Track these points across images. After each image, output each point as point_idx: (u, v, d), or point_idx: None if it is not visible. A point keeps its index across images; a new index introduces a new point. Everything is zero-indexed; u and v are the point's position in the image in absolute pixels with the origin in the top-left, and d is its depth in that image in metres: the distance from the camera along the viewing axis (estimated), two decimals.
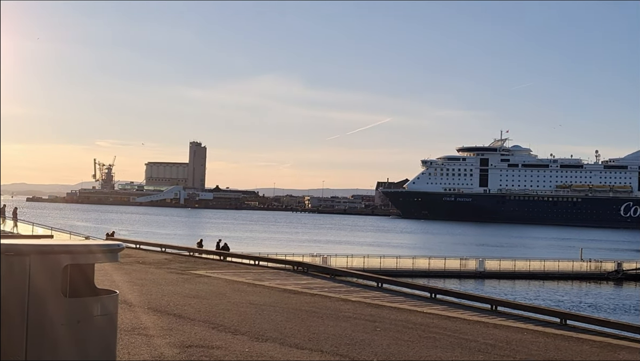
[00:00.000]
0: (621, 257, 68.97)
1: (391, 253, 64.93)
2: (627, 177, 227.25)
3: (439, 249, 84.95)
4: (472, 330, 15.49)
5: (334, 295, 20.81)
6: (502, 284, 53.22)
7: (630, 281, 57.25)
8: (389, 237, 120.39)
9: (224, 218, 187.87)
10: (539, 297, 46.01)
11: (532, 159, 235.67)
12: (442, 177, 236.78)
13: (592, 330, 18.12)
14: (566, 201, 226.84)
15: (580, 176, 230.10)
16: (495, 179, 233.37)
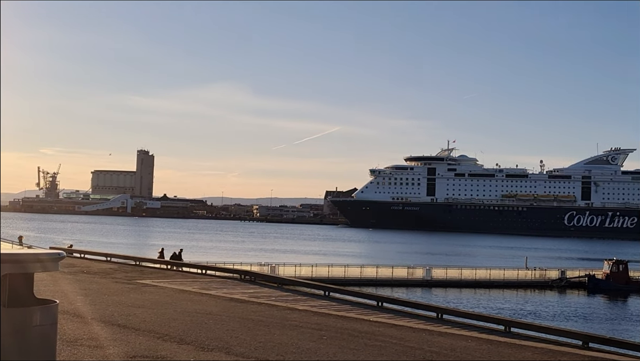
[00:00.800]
0: (565, 265, 70.15)
1: (339, 261, 65.03)
2: (571, 187, 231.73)
3: (386, 258, 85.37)
4: (417, 338, 15.61)
5: (280, 304, 20.77)
6: (448, 293, 53.68)
7: (574, 288, 58.25)
8: (337, 246, 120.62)
9: (172, 227, 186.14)
10: (484, 305, 46.53)
11: (479, 169, 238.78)
12: (390, 187, 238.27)
13: (535, 337, 18.40)
14: (512, 210, 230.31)
15: (525, 186, 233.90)
16: (443, 188, 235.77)
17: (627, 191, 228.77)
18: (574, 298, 54.19)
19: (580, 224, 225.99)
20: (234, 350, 12.74)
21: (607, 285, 58.07)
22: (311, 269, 53.71)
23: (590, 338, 19.09)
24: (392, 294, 38.60)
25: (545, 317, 41.84)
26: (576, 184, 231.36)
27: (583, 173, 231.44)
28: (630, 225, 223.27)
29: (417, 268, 59.06)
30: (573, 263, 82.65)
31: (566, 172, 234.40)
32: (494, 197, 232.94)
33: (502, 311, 42.40)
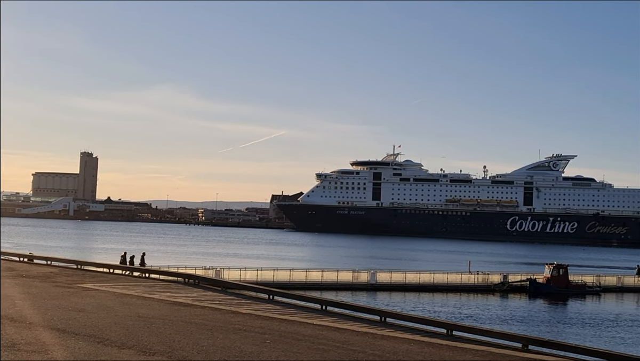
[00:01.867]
0: (507, 269, 71.08)
1: (285, 265, 64.92)
2: (514, 193, 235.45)
3: (332, 261, 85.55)
4: (360, 341, 15.67)
5: (224, 308, 20.66)
6: (393, 296, 53.96)
7: (516, 292, 59.03)
8: (283, 250, 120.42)
9: (115, 231, 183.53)
10: (428, 309, 46.92)
11: (423, 174, 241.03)
12: (336, 191, 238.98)
13: (476, 340, 18.65)
14: (455, 215, 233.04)
15: (469, 191, 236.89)
16: (388, 192, 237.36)
17: (567, 197, 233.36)
18: (515, 302, 54.93)
19: (523, 229, 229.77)
20: (176, 354, 12.63)
21: (548, 289, 59.06)
22: (256, 273, 53.50)
23: (530, 340, 19.43)
24: (336, 298, 38.69)
25: (487, 320, 42.37)
26: (518, 189, 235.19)
27: (525, 179, 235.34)
28: (571, 230, 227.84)
29: (362, 272, 59.25)
30: (515, 268, 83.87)
31: (509, 177, 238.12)
32: (438, 202, 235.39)
33: (445, 315, 42.81)
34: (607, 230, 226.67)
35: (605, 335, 39.29)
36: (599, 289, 61.61)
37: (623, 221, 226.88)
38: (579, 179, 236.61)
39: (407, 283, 58.26)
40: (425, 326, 20.80)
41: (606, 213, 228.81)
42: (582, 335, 38.63)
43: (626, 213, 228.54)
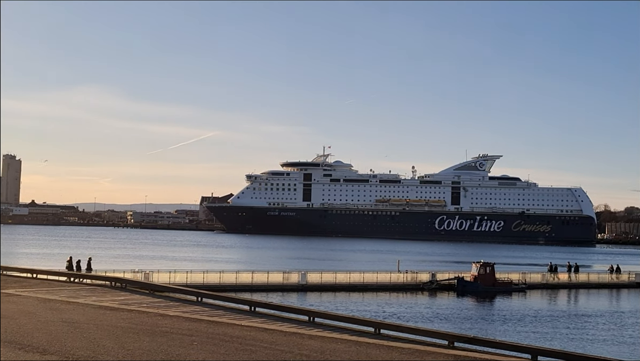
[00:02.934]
0: (435, 268, 71.93)
1: (215, 267, 64.39)
2: (442, 192, 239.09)
3: (262, 263, 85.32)
4: (288, 342, 15.68)
5: (152, 310, 20.42)
6: (323, 297, 54.07)
7: (444, 291, 59.80)
8: (213, 252, 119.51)
9: (38, 234, 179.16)
10: (358, 308, 47.17)
11: (353, 174, 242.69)
12: (266, 192, 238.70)
13: (404, 338, 18.87)
14: (385, 215, 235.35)
15: (398, 191, 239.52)
16: (318, 193, 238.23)
17: (494, 196, 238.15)
18: (443, 300, 55.65)
19: (450, 228, 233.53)
20: (101, 358, 12.41)
21: (475, 287, 59.99)
22: (186, 276, 52.95)
23: (456, 337, 19.77)
24: (265, 299, 38.59)
25: (415, 319, 42.84)
26: (446, 189, 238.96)
27: (453, 179, 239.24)
28: (497, 229, 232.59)
29: (293, 273, 59.20)
30: (443, 266, 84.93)
31: (437, 178, 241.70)
32: (368, 202, 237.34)
33: (375, 314, 43.11)
34: (532, 228, 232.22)
35: (529, 331, 40.21)
36: (525, 287, 62.92)
37: (547, 220, 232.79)
38: (505, 178, 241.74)
39: (338, 283, 58.44)
40: (353, 325, 20.95)
41: (531, 212, 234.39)
42: (508, 331, 39.44)
43: (550, 212, 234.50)
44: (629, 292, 66.03)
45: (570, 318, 46.56)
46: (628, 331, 41.90)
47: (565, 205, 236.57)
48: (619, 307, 54.84)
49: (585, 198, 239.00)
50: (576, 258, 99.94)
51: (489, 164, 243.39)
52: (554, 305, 55.80)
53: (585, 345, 35.70)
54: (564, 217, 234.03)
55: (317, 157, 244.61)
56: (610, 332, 41.19)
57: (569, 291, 64.59)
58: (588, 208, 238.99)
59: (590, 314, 49.26)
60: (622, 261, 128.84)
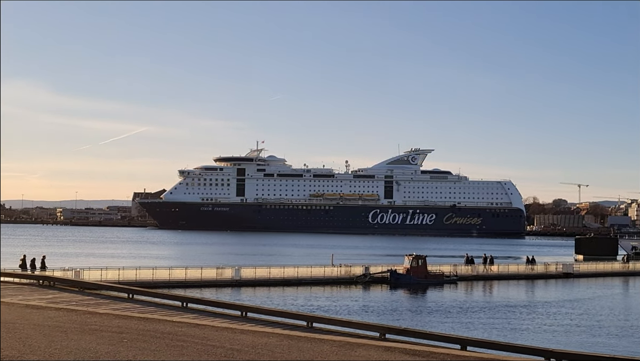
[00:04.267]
0: (369, 261, 72.47)
1: (147, 264, 63.65)
2: (375, 187, 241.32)
3: (196, 259, 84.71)
4: (219, 337, 15.64)
5: (81, 308, 20.10)
6: (257, 292, 54.01)
7: (377, 284, 60.34)
8: (146, 248, 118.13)
9: None
10: (292, 303, 47.27)
11: (287, 169, 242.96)
12: (199, 187, 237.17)
13: (336, 331, 19.02)
14: (319, 210, 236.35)
15: (332, 185, 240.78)
16: (252, 188, 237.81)
17: (426, 190, 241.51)
18: (377, 293, 56.14)
19: (384, 222, 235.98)
20: (27, 358, 12.16)
21: (408, 279, 60.73)
22: (118, 273, 52.13)
23: (387, 329, 20.07)
24: (200, 295, 38.36)
25: (349, 312, 43.13)
26: (379, 183, 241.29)
27: (386, 173, 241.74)
28: (429, 222, 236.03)
29: (226, 268, 58.95)
30: (377, 259, 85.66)
31: (370, 172, 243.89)
32: (302, 197, 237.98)
33: (309, 308, 43.28)
34: (464, 221, 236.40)
35: (460, 321, 40.94)
36: (456, 279, 63.98)
37: (478, 212, 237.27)
38: (437, 172, 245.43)
39: (272, 278, 58.47)
40: (286, 319, 21.05)
41: (462, 205, 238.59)
42: (439, 323, 40.08)
43: (481, 205, 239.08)
44: (556, 282, 67.76)
45: (499, 309, 47.56)
46: (552, 319, 43.02)
47: (496, 198, 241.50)
48: (546, 297, 56.22)
49: (515, 191, 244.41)
50: (506, 250, 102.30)
51: (421, 158, 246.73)
52: (484, 296, 56.89)
53: (513, 334, 36.53)
54: (494, 210, 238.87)
55: (251, 152, 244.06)
56: (537, 321, 42.25)
57: (499, 282, 65.88)
58: (517, 201, 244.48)
59: (519, 304, 50.40)
60: (550, 252, 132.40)
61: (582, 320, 43.11)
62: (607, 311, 47.93)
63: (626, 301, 55.96)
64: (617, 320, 43.65)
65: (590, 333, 38.16)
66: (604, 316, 45.29)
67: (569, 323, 41.87)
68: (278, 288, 56.33)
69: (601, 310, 48.10)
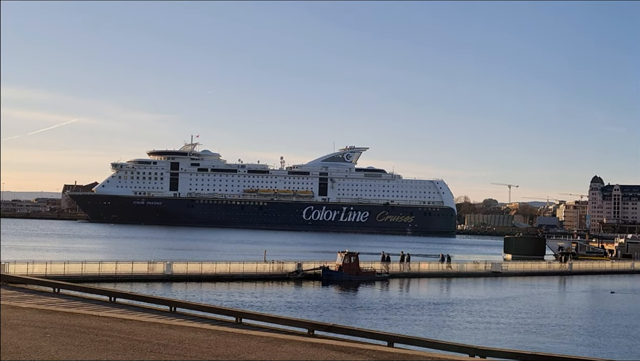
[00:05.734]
0: (301, 258, 72.70)
1: (76, 258, 62.61)
2: (309, 183, 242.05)
3: (127, 253, 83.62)
4: (146, 332, 15.50)
5: (3, 303, 19.62)
6: (189, 287, 53.65)
7: (309, 280, 60.59)
8: (76, 242, 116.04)
9: None
10: (223, 298, 47.09)
11: (221, 164, 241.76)
12: (132, 181, 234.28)
13: (264, 327, 19.04)
14: (253, 205, 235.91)
15: (266, 181, 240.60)
16: (186, 183, 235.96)
17: (360, 187, 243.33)
18: (309, 289, 56.35)
19: (318, 219, 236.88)
20: None
21: (340, 276, 61.11)
22: (45, 267, 51.14)
23: (316, 326, 20.18)
24: (126, 290, 37.85)
25: (280, 308, 43.22)
26: (314, 180, 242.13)
27: (320, 170, 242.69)
28: (363, 219, 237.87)
29: (158, 263, 58.40)
30: (309, 256, 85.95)
31: (305, 168, 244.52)
32: (236, 192, 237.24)
33: (240, 304, 43.20)
34: (396, 219, 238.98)
35: (389, 318, 41.42)
36: (387, 276, 64.65)
37: (411, 211, 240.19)
38: (371, 170, 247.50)
39: (204, 274, 58.18)
40: (215, 314, 20.98)
41: (395, 203, 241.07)
42: (369, 319, 40.46)
43: (413, 203, 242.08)
44: (485, 281, 69.07)
45: (428, 306, 48.26)
46: (479, 317, 43.87)
47: (428, 197, 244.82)
48: (474, 295, 57.24)
49: (447, 190, 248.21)
50: (437, 248, 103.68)
51: (356, 156, 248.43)
52: (414, 293, 57.66)
53: (439, 331, 37.13)
54: (426, 208, 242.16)
55: (185, 146, 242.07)
56: (464, 318, 43.04)
57: (429, 280, 66.84)
58: (449, 200, 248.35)
59: (447, 302, 51.26)
60: (479, 251, 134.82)
61: (507, 318, 44.09)
62: (532, 309, 49.12)
63: (550, 299, 57.39)
64: (541, 318, 44.78)
65: (514, 331, 39.04)
66: (529, 314, 46.41)
67: (495, 320, 42.76)
68: (210, 283, 56.07)
69: (526, 308, 49.26)
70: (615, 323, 44.52)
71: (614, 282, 74.64)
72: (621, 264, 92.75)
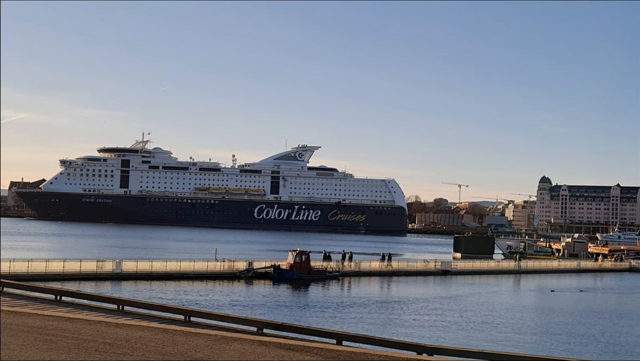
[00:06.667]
0: (252, 257, 72.64)
1: (22, 256, 61.61)
2: (261, 182, 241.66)
3: (75, 251, 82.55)
4: (92, 331, 15.34)
5: None
6: (139, 285, 53.27)
7: (260, 279, 60.58)
8: (23, 240, 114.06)
9: None
10: (173, 297, 46.82)
11: (173, 162, 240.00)
12: (81, 178, 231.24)
13: (213, 325, 18.98)
14: (204, 203, 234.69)
15: (218, 179, 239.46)
16: (136, 180, 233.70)
17: (312, 186, 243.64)
18: (260, 288, 56.36)
19: (269, 217, 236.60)
20: None
21: (291, 275, 61.23)
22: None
23: (264, 324, 20.19)
24: (72, 288, 37.36)
25: (231, 307, 43.14)
26: (266, 178, 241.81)
27: (272, 168, 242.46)
28: (315, 218, 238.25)
29: (107, 261, 57.81)
30: (261, 255, 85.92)
31: (257, 167, 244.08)
32: (188, 190, 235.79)
33: (190, 303, 43.01)
34: (348, 218, 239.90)
35: (339, 316, 41.65)
36: (338, 274, 64.95)
37: (362, 210, 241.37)
38: (323, 169, 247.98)
39: (154, 272, 57.82)
40: (164, 313, 20.85)
41: (347, 202, 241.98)
42: (319, 318, 40.63)
43: (365, 202, 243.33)
44: (434, 279, 69.83)
45: (377, 304, 48.67)
46: (427, 315, 44.37)
47: (379, 196, 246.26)
48: (423, 293, 57.83)
49: (398, 189, 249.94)
50: (388, 247, 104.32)
51: (308, 154, 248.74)
52: (364, 291, 58.02)
53: (388, 329, 37.46)
54: (378, 207, 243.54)
55: (136, 144, 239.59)
56: (412, 316, 43.50)
57: (380, 278, 67.32)
58: (400, 199, 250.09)
59: (397, 300, 51.71)
60: (429, 249, 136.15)
61: (455, 316, 44.67)
62: (479, 307, 49.82)
63: (497, 298, 58.23)
64: (487, 316, 45.47)
65: (461, 328, 39.56)
66: (476, 312, 47.07)
67: (443, 318, 43.30)
68: (160, 282, 55.73)
69: (474, 307, 49.94)
70: (558, 321, 45.46)
71: (561, 281, 76.06)
72: (568, 263, 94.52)
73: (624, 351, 35.23)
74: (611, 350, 35.31)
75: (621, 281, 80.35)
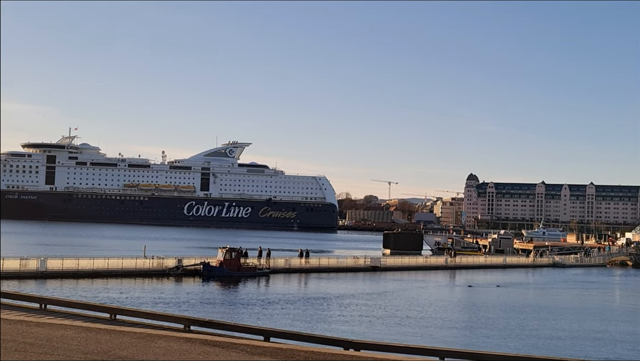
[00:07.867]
0: (183, 254, 72.15)
1: None
2: (191, 178, 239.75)
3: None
4: (12, 330, 15.08)
5: None
6: (64, 284, 52.30)
7: (190, 276, 60.15)
8: None
9: None
10: (100, 295, 46.14)
11: (101, 158, 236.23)
12: (4, 174, 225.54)
13: (139, 323, 18.85)
14: (133, 200, 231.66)
15: (147, 176, 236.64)
16: (63, 177, 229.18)
17: (242, 183, 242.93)
18: (189, 285, 55.96)
19: (200, 214, 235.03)
20: None
21: (221, 272, 60.99)
22: None
23: (191, 321, 20.17)
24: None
25: (159, 304, 42.75)
26: (196, 175, 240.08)
27: (203, 165, 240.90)
28: (245, 215, 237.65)
29: (31, 260, 56.50)
30: (190, 252, 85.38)
31: (187, 163, 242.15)
32: (116, 186, 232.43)
33: (117, 300, 42.48)
34: (279, 215, 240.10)
35: (268, 313, 41.72)
36: (269, 271, 64.96)
37: (293, 207, 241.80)
38: (254, 166, 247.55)
39: (80, 270, 56.81)
40: (88, 311, 20.59)
41: (278, 199, 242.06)
42: (248, 314, 40.63)
43: (296, 199, 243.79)
44: (364, 275, 70.42)
45: (306, 301, 48.88)
46: (355, 311, 44.82)
47: (310, 193, 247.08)
48: (353, 289, 58.28)
49: (329, 187, 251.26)
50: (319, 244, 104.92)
51: (239, 151, 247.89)
52: (293, 288, 58.21)
53: (316, 325, 37.70)
54: (309, 204, 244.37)
55: (63, 139, 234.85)
56: (340, 312, 43.87)
57: (309, 275, 67.57)
58: (331, 196, 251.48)
59: (326, 296, 52.01)
60: (358, 246, 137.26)
61: (383, 311, 45.22)
62: (405, 302, 50.52)
63: (424, 293, 59.11)
64: (412, 311, 46.18)
65: (389, 324, 40.08)
66: (402, 307, 47.73)
67: (371, 314, 43.79)
68: (87, 280, 54.85)
69: (402, 302, 50.64)
70: (482, 315, 46.48)
71: (487, 276, 77.68)
72: (494, 259, 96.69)
73: (541, 343, 36.23)
74: (530, 344, 36.25)
75: (542, 277, 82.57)
